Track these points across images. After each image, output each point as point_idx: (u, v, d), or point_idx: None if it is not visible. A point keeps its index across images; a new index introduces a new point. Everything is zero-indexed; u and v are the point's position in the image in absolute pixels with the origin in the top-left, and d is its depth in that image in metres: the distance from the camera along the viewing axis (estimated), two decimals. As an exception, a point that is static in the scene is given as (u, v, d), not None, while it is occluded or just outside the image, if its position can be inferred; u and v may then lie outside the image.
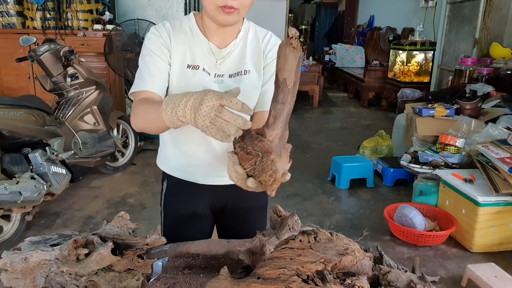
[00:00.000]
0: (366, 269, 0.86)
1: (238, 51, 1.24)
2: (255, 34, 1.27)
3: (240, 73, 1.23)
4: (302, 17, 14.05)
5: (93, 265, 0.84)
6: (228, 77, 1.22)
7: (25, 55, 3.26)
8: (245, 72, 1.23)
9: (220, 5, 1.08)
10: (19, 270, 0.92)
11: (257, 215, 1.42)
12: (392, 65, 6.74)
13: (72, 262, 0.86)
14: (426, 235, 2.66)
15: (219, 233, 1.45)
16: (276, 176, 0.82)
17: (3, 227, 2.60)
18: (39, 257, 0.91)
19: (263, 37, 1.28)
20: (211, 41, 1.21)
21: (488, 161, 2.78)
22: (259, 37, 1.27)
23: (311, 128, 5.87)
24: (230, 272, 0.83)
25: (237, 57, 1.23)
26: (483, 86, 3.98)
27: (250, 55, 1.25)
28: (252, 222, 1.40)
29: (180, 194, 1.35)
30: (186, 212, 1.35)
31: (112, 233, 0.89)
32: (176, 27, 1.21)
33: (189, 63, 1.20)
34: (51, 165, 2.78)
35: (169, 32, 1.20)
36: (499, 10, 4.76)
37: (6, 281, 0.95)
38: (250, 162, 0.82)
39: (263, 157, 0.81)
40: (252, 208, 1.40)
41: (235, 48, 1.23)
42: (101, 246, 0.85)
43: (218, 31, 1.20)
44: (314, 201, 3.41)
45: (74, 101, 3.30)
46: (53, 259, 0.89)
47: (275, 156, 0.81)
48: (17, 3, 4.44)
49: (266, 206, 1.45)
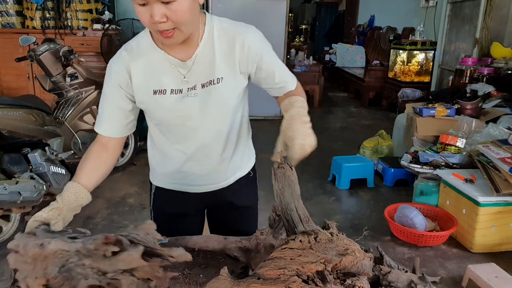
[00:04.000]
0: (366, 270, 0.85)
1: (206, 58, 1.14)
2: (223, 33, 1.15)
3: (213, 82, 1.15)
4: (302, 17, 14.05)
5: (120, 264, 0.83)
6: (201, 88, 1.15)
7: (25, 55, 3.26)
8: (217, 81, 1.15)
9: (156, 30, 1.02)
10: (31, 255, 0.91)
11: (248, 213, 1.44)
12: (393, 65, 6.74)
13: (98, 257, 0.85)
14: (427, 235, 2.65)
15: (211, 231, 1.46)
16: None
17: (2, 227, 2.60)
18: (58, 246, 0.90)
19: (233, 35, 1.15)
20: (173, 55, 1.13)
21: (488, 161, 2.77)
22: (229, 35, 1.15)
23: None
24: (230, 272, 0.83)
25: (206, 65, 1.14)
26: (483, 86, 3.97)
27: (220, 60, 1.15)
28: (242, 220, 1.41)
29: (170, 196, 1.38)
30: (176, 212, 1.37)
31: (139, 238, 0.89)
32: (133, 52, 1.15)
33: (155, 89, 1.15)
34: (50, 165, 2.77)
35: (126, 63, 1.14)
36: (500, 9, 4.75)
37: (13, 262, 0.93)
38: None
39: None
40: (243, 207, 1.40)
41: (201, 56, 1.14)
42: (132, 248, 0.85)
43: (174, 46, 1.12)
44: (314, 201, 3.41)
45: (73, 101, 3.30)
46: (72, 251, 0.88)
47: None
48: (16, 3, 4.44)
49: (256, 205, 1.47)
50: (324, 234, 0.87)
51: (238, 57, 1.16)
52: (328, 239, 0.86)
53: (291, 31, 11.89)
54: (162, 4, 0.97)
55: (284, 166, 0.97)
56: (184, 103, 1.15)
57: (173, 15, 0.98)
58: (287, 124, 1.06)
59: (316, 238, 0.85)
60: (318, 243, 0.84)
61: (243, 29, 1.17)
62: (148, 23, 1.01)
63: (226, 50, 1.15)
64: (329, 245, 0.84)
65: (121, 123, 1.19)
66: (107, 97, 1.18)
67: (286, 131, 1.05)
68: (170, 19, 0.99)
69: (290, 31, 11.34)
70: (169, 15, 0.98)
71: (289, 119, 1.07)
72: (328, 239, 0.86)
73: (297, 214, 0.93)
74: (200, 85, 1.15)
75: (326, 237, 0.86)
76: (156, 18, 0.97)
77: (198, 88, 1.15)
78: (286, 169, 0.96)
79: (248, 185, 1.41)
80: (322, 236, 0.86)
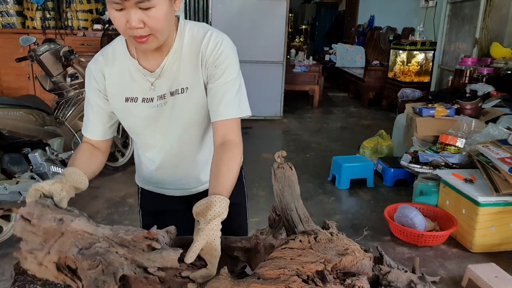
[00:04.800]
0: (366, 269, 0.85)
1: (172, 67, 1.13)
2: (192, 40, 1.13)
3: (178, 91, 1.14)
4: (302, 17, 14.05)
5: (157, 261, 0.83)
6: (170, 95, 1.15)
7: (25, 55, 3.26)
8: (182, 91, 1.14)
9: (131, 35, 1.00)
10: (44, 227, 0.87)
11: (236, 211, 1.43)
12: (392, 65, 6.74)
13: (135, 250, 0.84)
14: (427, 235, 2.66)
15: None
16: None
17: (3, 227, 2.60)
18: (81, 227, 0.87)
19: (201, 42, 1.12)
20: (143, 65, 1.13)
21: (488, 161, 2.78)
22: (197, 42, 1.13)
23: (311, 128, 5.87)
24: (230, 272, 0.83)
25: (172, 74, 1.14)
26: (483, 86, 3.98)
27: (185, 70, 1.13)
28: (231, 217, 1.41)
29: (152, 197, 1.39)
30: (163, 209, 1.38)
31: (164, 241, 0.89)
32: (109, 58, 1.16)
33: (127, 96, 1.16)
34: (51, 165, 2.78)
35: (102, 68, 1.16)
36: (500, 10, 4.75)
37: (20, 230, 0.89)
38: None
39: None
40: (230, 204, 1.40)
41: (168, 66, 1.13)
42: (172, 249, 0.85)
43: (147, 53, 1.12)
44: (314, 201, 3.41)
45: (74, 101, 3.30)
46: (99, 235, 0.86)
47: None
48: (17, 3, 4.44)
49: (244, 203, 1.48)
50: (324, 234, 0.87)
51: (201, 58, 1.12)
52: (328, 239, 0.86)
53: (291, 31, 11.90)
54: (140, 10, 0.96)
55: (284, 166, 0.97)
56: (154, 111, 1.16)
57: (150, 21, 0.98)
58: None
59: (316, 238, 0.86)
60: (318, 243, 0.84)
61: (214, 38, 1.12)
62: (123, 28, 1.00)
63: (194, 59, 1.13)
64: (329, 245, 0.85)
65: (105, 126, 1.22)
66: (90, 101, 1.21)
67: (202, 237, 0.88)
68: (147, 25, 0.98)
69: (290, 31, 11.36)
70: (146, 21, 0.97)
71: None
72: (328, 239, 0.86)
73: (297, 214, 0.93)
74: (169, 93, 1.15)
75: (326, 237, 0.87)
76: (133, 23, 0.96)
77: (168, 97, 1.15)
78: (286, 169, 0.97)
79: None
80: (322, 236, 0.86)
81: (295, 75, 6.93)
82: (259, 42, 5.73)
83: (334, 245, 0.85)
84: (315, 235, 0.86)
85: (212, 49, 1.11)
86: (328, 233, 0.88)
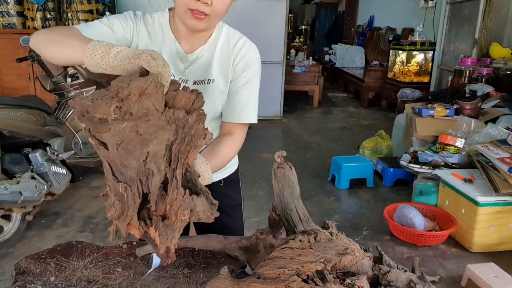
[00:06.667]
0: (366, 269, 0.86)
1: (205, 58, 1.18)
2: (227, 40, 1.20)
3: (204, 82, 1.18)
4: (302, 17, 14.05)
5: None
6: (193, 84, 1.18)
7: (26, 55, 3.26)
8: (208, 81, 1.18)
9: (191, 8, 1.03)
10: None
11: (232, 212, 1.44)
12: (392, 65, 6.75)
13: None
14: (426, 235, 2.66)
15: (196, 230, 1.47)
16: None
17: (3, 227, 2.60)
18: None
19: (235, 43, 1.20)
20: (180, 44, 1.16)
21: (487, 161, 2.78)
22: (231, 43, 1.20)
23: (311, 128, 5.87)
24: (230, 272, 0.83)
25: (203, 64, 1.18)
26: (482, 86, 3.98)
27: (217, 63, 1.19)
28: (227, 219, 1.41)
29: None
30: None
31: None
32: (148, 24, 1.17)
33: None
34: (51, 165, 2.78)
35: (143, 24, 1.17)
36: (499, 10, 4.76)
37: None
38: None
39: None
40: (226, 206, 1.40)
41: (202, 54, 1.18)
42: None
43: (188, 34, 1.15)
44: (314, 201, 3.42)
45: (74, 101, 3.30)
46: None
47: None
48: (17, 3, 4.44)
49: (240, 206, 1.49)
50: (324, 233, 0.88)
51: (233, 59, 1.20)
52: (328, 238, 0.87)
53: (291, 32, 11.90)
54: None
55: (284, 166, 0.97)
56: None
57: (216, 2, 1.03)
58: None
59: (316, 237, 0.86)
60: (318, 243, 0.85)
61: (249, 45, 1.22)
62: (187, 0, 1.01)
63: (225, 56, 1.19)
64: (329, 245, 0.85)
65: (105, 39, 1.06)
66: (109, 18, 1.13)
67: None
68: (213, 4, 1.03)
69: (290, 32, 11.35)
70: (213, 0, 1.02)
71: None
72: (327, 239, 0.87)
73: (296, 214, 0.94)
74: (193, 82, 1.18)
75: (326, 236, 0.87)
76: None
77: (190, 83, 1.18)
78: (286, 169, 0.97)
79: (230, 186, 1.42)
80: (321, 236, 0.87)
81: (295, 75, 6.94)
82: (259, 42, 5.57)
83: (334, 245, 0.85)
84: (315, 235, 0.87)
85: (244, 53, 1.20)
86: (327, 233, 0.88)
